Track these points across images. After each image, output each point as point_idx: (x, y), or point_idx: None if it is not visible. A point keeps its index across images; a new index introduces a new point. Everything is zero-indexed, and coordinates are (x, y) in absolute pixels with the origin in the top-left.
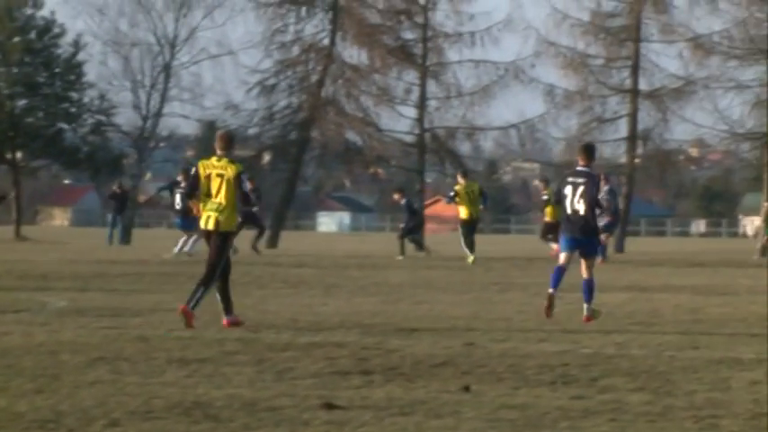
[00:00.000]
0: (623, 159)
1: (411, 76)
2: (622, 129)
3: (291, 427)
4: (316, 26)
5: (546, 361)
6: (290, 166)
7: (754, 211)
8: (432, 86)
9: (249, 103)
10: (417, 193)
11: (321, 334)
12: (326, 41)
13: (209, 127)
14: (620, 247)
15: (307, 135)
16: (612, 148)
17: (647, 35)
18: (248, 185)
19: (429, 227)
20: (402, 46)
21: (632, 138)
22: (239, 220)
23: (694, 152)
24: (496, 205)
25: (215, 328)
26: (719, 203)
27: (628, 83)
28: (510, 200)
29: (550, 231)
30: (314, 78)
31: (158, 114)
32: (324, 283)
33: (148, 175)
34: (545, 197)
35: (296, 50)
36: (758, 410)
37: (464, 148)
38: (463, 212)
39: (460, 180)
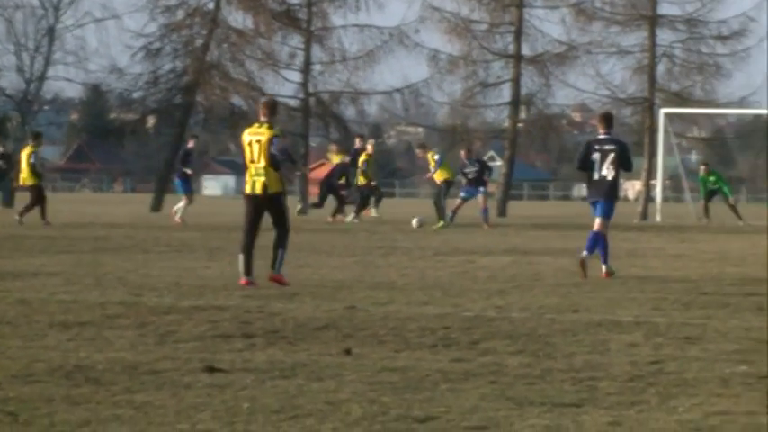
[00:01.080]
0: (506, 124)
1: (296, 40)
2: (506, 93)
3: (173, 390)
4: None
5: (427, 324)
6: (174, 130)
7: (635, 175)
8: (316, 51)
9: (134, 67)
10: (301, 157)
11: (204, 297)
12: (211, 5)
13: (94, 90)
14: (502, 211)
15: (191, 99)
16: (496, 112)
17: (531, 0)
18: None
19: (312, 190)
20: (287, 10)
21: (515, 102)
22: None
23: (577, 117)
24: (381, 169)
25: (97, 292)
26: None
27: (511, 48)
28: (394, 163)
29: (449, 188)
30: (199, 42)
31: (42, 78)
32: (207, 247)
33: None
34: (437, 157)
35: (180, 14)
36: (636, 373)
37: (348, 112)
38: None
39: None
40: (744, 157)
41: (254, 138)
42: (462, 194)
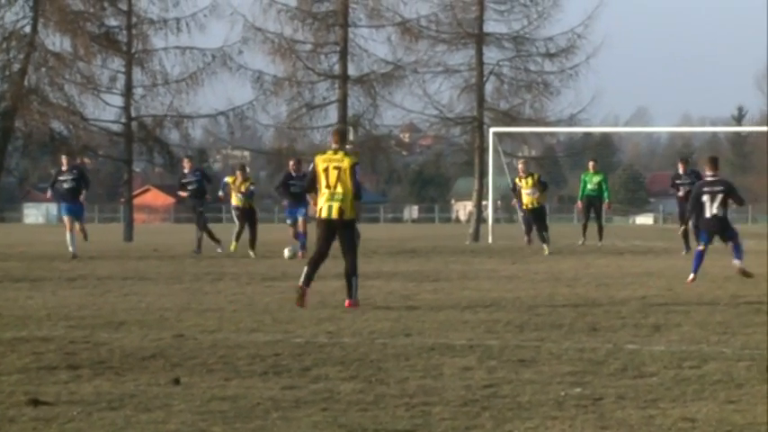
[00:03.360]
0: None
1: (116, 63)
2: (333, 115)
3: None
4: (16, 13)
5: (257, 351)
6: None
7: (466, 196)
8: (138, 74)
9: None
10: (125, 183)
11: (27, 328)
12: (28, 29)
13: None
14: None
15: (10, 125)
16: (323, 134)
17: (355, 20)
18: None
19: (138, 216)
20: (107, 33)
21: (342, 123)
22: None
23: (406, 137)
24: (212, 192)
25: None
26: (432, 189)
27: (337, 68)
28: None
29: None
30: (16, 67)
31: None
32: (30, 276)
33: None
34: (252, 188)
35: None
36: (470, 397)
37: (173, 136)
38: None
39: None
40: (574, 176)
41: (332, 164)
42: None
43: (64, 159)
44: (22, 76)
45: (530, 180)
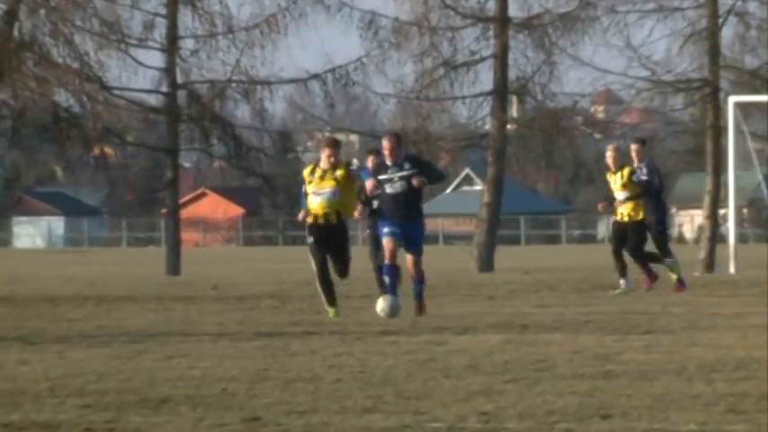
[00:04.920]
0: (489, 126)
1: (154, 1)
2: (485, 78)
3: None
4: None
5: None
6: None
7: (693, 201)
8: (186, 18)
9: None
10: (167, 185)
11: (19, 410)
12: None
13: None
14: (486, 263)
15: None
16: (471, 107)
17: None
18: None
19: (187, 236)
20: None
21: (500, 92)
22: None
23: (599, 111)
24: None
25: None
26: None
27: (491, 7)
28: None
29: None
30: (0, 8)
31: None
32: (23, 330)
33: None
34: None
35: None
36: None
37: (240, 112)
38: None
39: None
40: None
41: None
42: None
43: None
44: (10, 24)
45: None
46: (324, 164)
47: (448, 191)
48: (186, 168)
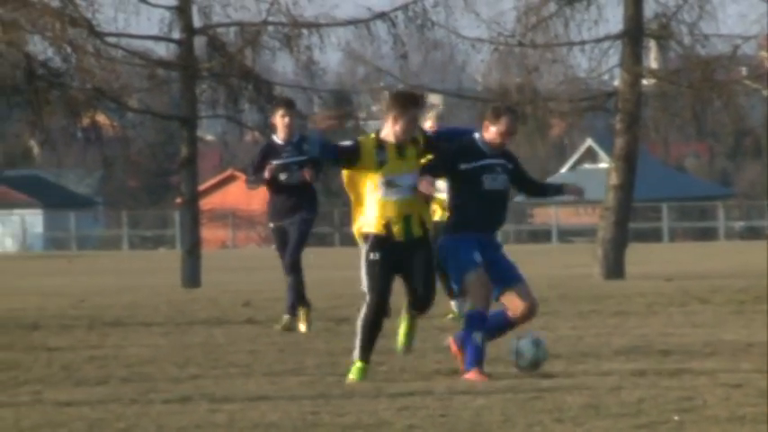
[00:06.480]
0: (617, 82)
1: None
2: (613, 17)
3: None
4: None
5: None
6: None
7: None
8: None
9: None
10: (183, 165)
11: None
12: None
13: None
14: (616, 268)
15: None
16: (594, 57)
17: None
18: None
19: (210, 234)
20: None
21: (633, 35)
22: None
23: None
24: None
25: None
26: None
27: None
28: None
29: None
30: None
31: None
32: None
33: None
34: None
35: None
36: None
37: (280, 66)
38: None
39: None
40: None
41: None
42: None
43: None
44: None
45: None
46: (402, 132)
47: (563, 170)
48: (208, 143)
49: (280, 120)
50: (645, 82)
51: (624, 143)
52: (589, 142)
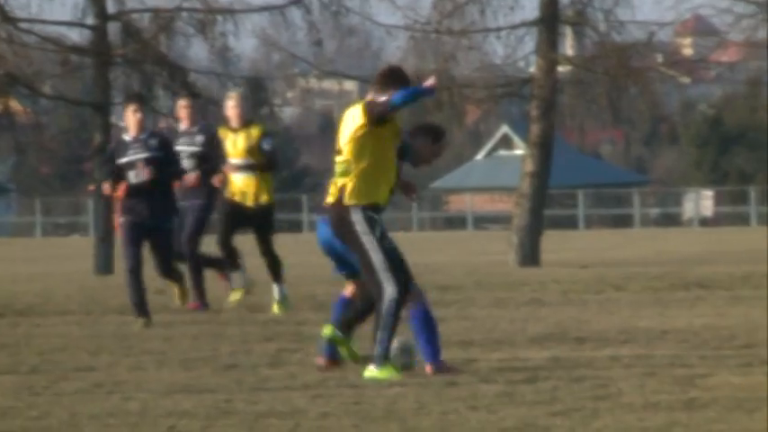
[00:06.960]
0: (532, 68)
1: None
2: (529, 3)
3: None
4: None
5: None
6: None
7: None
8: None
9: None
10: (95, 153)
11: None
12: None
13: None
14: (530, 255)
15: None
16: (509, 44)
17: None
18: None
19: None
20: None
21: (549, 21)
22: None
23: (685, 46)
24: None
25: None
26: (744, 153)
27: None
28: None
29: None
30: None
31: None
32: None
33: None
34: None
35: None
36: None
37: (195, 51)
38: None
39: None
40: None
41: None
42: None
43: None
44: None
45: None
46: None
47: (479, 156)
48: (122, 129)
49: (132, 115)
50: (561, 69)
51: (540, 130)
52: (505, 129)
